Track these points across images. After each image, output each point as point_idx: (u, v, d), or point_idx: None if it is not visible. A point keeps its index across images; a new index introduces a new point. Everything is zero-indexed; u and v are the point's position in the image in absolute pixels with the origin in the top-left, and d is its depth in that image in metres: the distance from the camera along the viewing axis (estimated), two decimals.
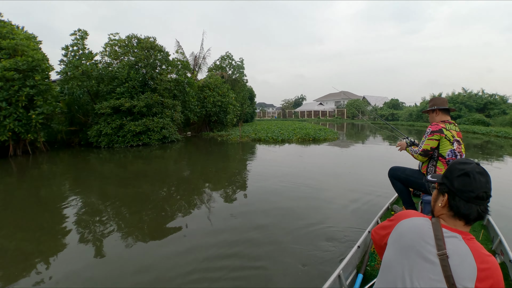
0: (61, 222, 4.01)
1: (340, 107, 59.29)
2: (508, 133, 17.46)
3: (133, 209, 4.47)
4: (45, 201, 5.29)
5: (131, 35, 15.08)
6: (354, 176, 6.48)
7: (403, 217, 1.16)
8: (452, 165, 1.11)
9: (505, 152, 10.62)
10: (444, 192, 1.10)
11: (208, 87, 19.97)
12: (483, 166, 1.04)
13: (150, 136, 13.22)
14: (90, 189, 5.98)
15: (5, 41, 10.50)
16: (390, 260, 1.08)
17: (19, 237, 3.58)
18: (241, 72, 29.13)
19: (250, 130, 18.60)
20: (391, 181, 3.22)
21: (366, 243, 2.60)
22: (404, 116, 39.99)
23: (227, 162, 8.97)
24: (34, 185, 6.66)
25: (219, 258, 2.83)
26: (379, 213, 3.36)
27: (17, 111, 10.36)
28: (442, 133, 2.67)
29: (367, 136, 17.72)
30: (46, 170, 8.48)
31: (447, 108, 2.82)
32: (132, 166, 8.59)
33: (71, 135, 14.32)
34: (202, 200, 4.90)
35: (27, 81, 10.56)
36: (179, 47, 22.56)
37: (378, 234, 1.28)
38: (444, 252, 0.97)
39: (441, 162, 2.72)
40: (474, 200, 1.02)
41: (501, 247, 2.53)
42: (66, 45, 12.77)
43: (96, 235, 3.50)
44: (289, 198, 4.80)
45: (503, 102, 32.00)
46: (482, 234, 2.97)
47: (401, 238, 1.09)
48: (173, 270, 2.65)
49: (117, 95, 13.06)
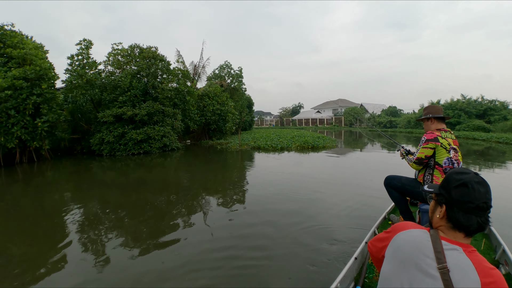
0: (64, 229, 4.10)
1: (337, 114, 59.89)
2: (509, 139, 17.40)
3: (135, 216, 4.53)
4: (50, 208, 5.40)
5: (133, 44, 15.55)
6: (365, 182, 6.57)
7: (400, 229, 1.14)
8: (449, 175, 1.09)
9: (507, 158, 10.76)
10: (442, 203, 1.07)
11: (208, 96, 20.38)
12: (482, 175, 1.04)
13: (151, 144, 13.51)
14: (94, 197, 6.08)
15: (15, 51, 10.87)
16: (388, 274, 1.06)
17: (24, 243, 3.66)
18: (240, 81, 29.63)
19: (249, 138, 18.93)
20: (387, 190, 3.17)
21: (364, 254, 2.53)
22: (403, 123, 40.24)
23: (228, 170, 9.14)
24: (40, 192, 6.78)
25: (217, 260, 2.93)
26: (376, 223, 3.28)
27: (24, 119, 10.67)
28: (437, 141, 2.66)
29: (365, 144, 18.02)
30: (51, 178, 8.71)
31: (442, 116, 2.81)
32: (134, 174, 8.78)
33: (74, 143, 14.61)
34: (203, 209, 4.90)
35: (34, 90, 10.90)
36: (179, 56, 23.02)
37: (375, 247, 1.25)
38: (444, 265, 0.94)
39: (438, 170, 2.69)
40: (474, 211, 0.99)
41: (505, 257, 2.43)
42: (72, 55, 13.16)
43: (98, 242, 3.57)
44: (292, 204, 4.90)
45: (503, 108, 32.09)
46: (484, 244, 2.87)
47: (398, 251, 1.07)
48: (172, 279, 2.67)
49: (120, 103, 13.40)
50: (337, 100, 68.94)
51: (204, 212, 4.72)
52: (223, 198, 5.54)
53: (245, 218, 4.32)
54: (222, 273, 2.73)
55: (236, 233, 3.69)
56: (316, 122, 60.22)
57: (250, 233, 3.69)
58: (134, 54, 15.23)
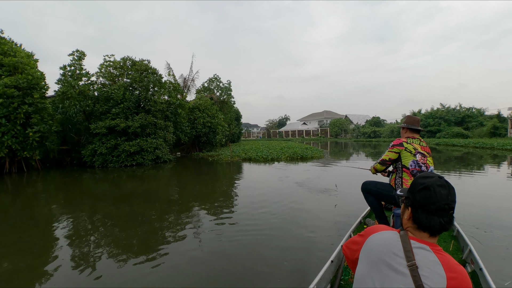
0: (54, 241, 4.02)
1: (323, 126, 61.32)
2: (485, 144, 18.71)
3: (127, 228, 4.45)
4: (41, 219, 5.29)
5: (125, 57, 15.69)
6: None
7: (373, 231, 1.19)
8: (415, 179, 1.16)
9: (485, 162, 11.54)
10: (408, 206, 1.14)
11: (198, 109, 20.63)
12: (456, 180, 1.23)
13: (143, 156, 13.53)
14: (87, 208, 5.93)
15: (7, 59, 10.80)
16: (362, 275, 1.10)
17: (12, 255, 3.55)
18: (229, 94, 30.13)
19: (240, 150, 19.19)
20: (364, 195, 3.31)
21: (340, 257, 2.62)
22: (386, 132, 41.54)
23: (223, 181, 9.18)
24: (29, 203, 6.66)
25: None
26: (352, 227, 3.40)
27: (15, 128, 10.55)
28: (402, 146, 2.91)
29: (351, 154, 18.65)
30: (42, 189, 8.51)
31: (414, 128, 3.03)
32: (127, 185, 8.62)
33: (63, 154, 14.40)
34: (201, 222, 4.72)
35: (25, 99, 10.80)
36: (170, 69, 23.27)
37: (349, 249, 1.30)
38: (413, 262, 1.00)
39: (406, 173, 2.88)
40: (436, 212, 1.05)
41: (471, 256, 2.60)
42: (64, 65, 13.12)
43: (88, 254, 3.49)
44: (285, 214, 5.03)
45: (480, 114, 33.96)
46: (453, 245, 3.05)
47: (371, 252, 1.12)
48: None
49: (113, 115, 13.41)
50: (323, 112, 70.76)
51: (204, 226, 4.50)
52: (227, 209, 5.56)
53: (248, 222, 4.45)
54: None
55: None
56: (302, 134, 61.38)
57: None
58: (127, 67, 15.36)
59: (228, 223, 4.57)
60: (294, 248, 3.46)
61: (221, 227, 4.39)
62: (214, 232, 4.16)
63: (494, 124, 28.94)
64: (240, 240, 3.79)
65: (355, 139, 45.10)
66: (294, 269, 2.93)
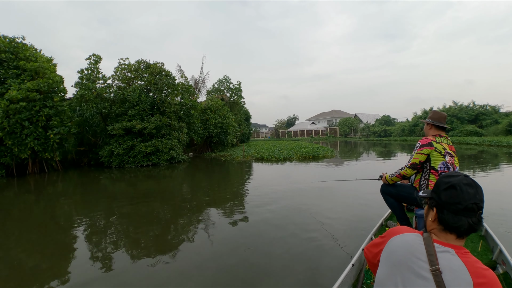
0: (74, 239, 4.20)
1: (332, 125, 60.90)
2: (500, 142, 18.06)
3: (142, 226, 4.58)
4: (62, 219, 5.48)
5: (140, 60, 16.02)
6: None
7: (394, 233, 1.16)
8: (439, 179, 1.11)
9: (501, 161, 11.27)
10: (433, 207, 1.10)
11: (210, 109, 20.87)
12: (476, 179, 1.09)
13: (159, 156, 13.81)
14: (107, 207, 6.09)
15: (29, 64, 11.21)
16: (383, 278, 1.08)
17: (35, 253, 3.73)
18: (239, 94, 30.32)
19: (251, 150, 19.34)
20: (383, 197, 3.16)
21: (361, 261, 2.55)
22: (397, 131, 40.65)
23: (238, 180, 9.22)
24: (51, 203, 6.90)
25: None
26: (373, 229, 3.31)
27: (37, 130, 10.93)
28: (431, 146, 2.66)
29: (361, 153, 18.51)
30: (62, 189, 8.85)
31: (441, 125, 2.79)
32: (143, 185, 8.79)
33: (80, 155, 14.80)
34: (213, 222, 4.74)
35: (46, 102, 11.19)
36: (181, 71, 23.59)
37: (370, 252, 1.26)
38: (437, 267, 0.96)
39: (433, 175, 2.68)
40: (463, 212, 1.01)
41: (502, 257, 2.46)
42: (81, 69, 13.52)
43: (106, 252, 3.62)
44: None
45: (494, 112, 32.80)
46: (481, 245, 2.92)
47: (392, 255, 1.08)
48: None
49: (129, 117, 13.72)
50: (331, 111, 70.32)
51: (215, 227, 4.46)
52: (242, 208, 5.57)
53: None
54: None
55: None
56: (311, 133, 61.18)
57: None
58: (141, 69, 15.69)
59: (243, 225, 4.52)
60: (310, 250, 3.44)
61: (234, 227, 4.41)
62: (227, 231, 4.21)
63: (510, 122, 27.84)
64: (254, 242, 3.78)
65: (365, 138, 44.62)
66: (309, 272, 2.90)
